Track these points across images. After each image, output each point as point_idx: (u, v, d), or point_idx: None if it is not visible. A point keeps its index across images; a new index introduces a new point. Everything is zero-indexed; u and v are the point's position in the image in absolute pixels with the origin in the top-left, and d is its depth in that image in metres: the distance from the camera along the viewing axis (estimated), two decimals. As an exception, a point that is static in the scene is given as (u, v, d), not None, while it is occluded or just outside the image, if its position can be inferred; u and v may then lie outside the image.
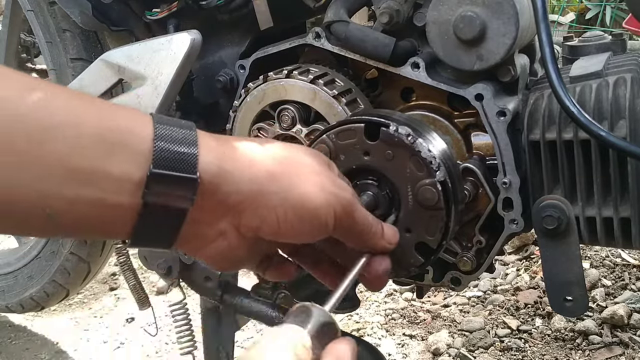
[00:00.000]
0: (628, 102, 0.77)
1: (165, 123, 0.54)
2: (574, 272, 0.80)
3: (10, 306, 1.70)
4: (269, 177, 0.57)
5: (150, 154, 0.51)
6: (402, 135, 0.71)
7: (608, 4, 4.36)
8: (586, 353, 1.59)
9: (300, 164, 0.61)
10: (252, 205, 0.56)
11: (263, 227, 0.57)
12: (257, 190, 0.56)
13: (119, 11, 1.04)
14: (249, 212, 0.57)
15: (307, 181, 0.59)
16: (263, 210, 0.57)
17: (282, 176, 0.58)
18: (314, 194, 0.59)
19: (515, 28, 0.78)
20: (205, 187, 0.53)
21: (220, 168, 0.55)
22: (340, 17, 0.87)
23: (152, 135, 0.52)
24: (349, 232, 0.63)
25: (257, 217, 0.57)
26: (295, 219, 0.58)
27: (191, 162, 0.53)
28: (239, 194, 0.56)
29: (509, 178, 0.81)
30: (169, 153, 0.52)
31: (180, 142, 0.53)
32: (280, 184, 0.57)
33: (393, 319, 1.84)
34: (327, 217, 0.59)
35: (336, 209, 0.60)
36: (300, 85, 0.89)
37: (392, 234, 0.68)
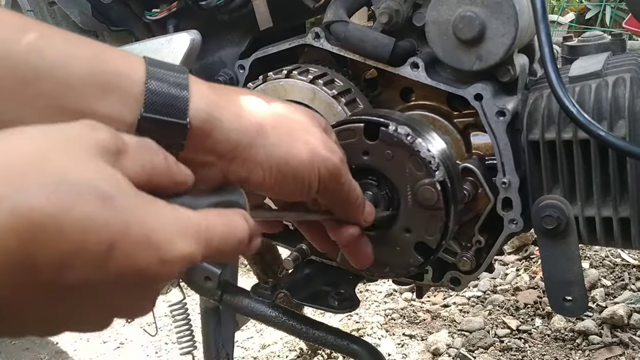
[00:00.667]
0: (627, 102, 0.77)
1: (158, 66, 0.54)
2: (573, 272, 0.80)
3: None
4: (258, 129, 0.57)
5: (141, 97, 0.51)
6: (401, 135, 0.71)
7: (608, 4, 4.37)
8: (586, 353, 1.59)
9: (293, 120, 0.61)
10: (240, 156, 0.56)
11: (250, 179, 0.57)
12: (247, 142, 0.56)
13: (118, 11, 1.04)
14: (237, 162, 0.57)
15: (296, 139, 0.59)
16: (250, 163, 0.57)
17: (272, 130, 0.58)
18: (300, 153, 0.58)
19: (514, 28, 0.78)
20: (194, 132, 0.53)
21: (210, 115, 0.54)
22: (339, 17, 0.87)
23: (144, 78, 0.52)
24: (332, 197, 0.63)
25: (244, 169, 0.57)
26: (279, 176, 0.58)
27: (181, 107, 0.52)
28: (228, 142, 0.55)
29: (509, 178, 0.81)
30: (160, 97, 0.52)
31: (172, 86, 0.53)
32: (268, 138, 0.57)
33: (393, 319, 1.84)
34: (310, 178, 0.59)
35: (321, 171, 0.60)
36: (299, 85, 0.89)
37: (370, 212, 0.69)
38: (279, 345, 1.75)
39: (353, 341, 1.07)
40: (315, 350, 1.68)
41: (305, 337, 1.11)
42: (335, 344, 1.08)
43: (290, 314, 1.09)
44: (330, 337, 1.07)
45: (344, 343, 1.07)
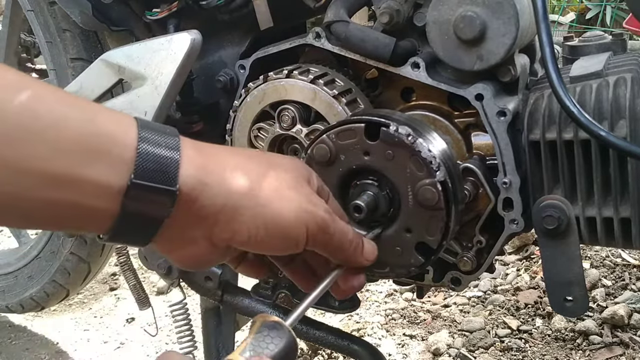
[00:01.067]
0: (628, 102, 0.77)
1: (150, 129, 0.54)
2: (574, 272, 0.80)
3: (10, 306, 1.70)
4: (244, 192, 0.58)
5: (132, 163, 0.52)
6: (402, 135, 0.70)
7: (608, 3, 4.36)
8: (586, 353, 1.59)
9: (277, 179, 0.62)
10: (224, 218, 0.57)
11: (234, 239, 0.59)
12: (232, 205, 0.57)
13: (119, 11, 1.04)
14: (221, 225, 0.58)
15: (282, 198, 0.60)
16: (235, 224, 0.58)
17: (258, 192, 0.59)
18: (286, 212, 0.60)
19: (515, 28, 0.78)
20: (183, 199, 0.54)
21: (199, 181, 0.55)
22: (340, 17, 0.87)
23: (135, 143, 0.52)
24: (325, 247, 0.65)
25: (229, 230, 0.58)
26: (266, 235, 0.59)
27: (172, 174, 0.53)
28: (214, 206, 0.57)
29: (509, 178, 0.81)
30: (151, 164, 0.52)
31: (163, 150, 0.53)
32: (254, 199, 0.59)
33: (393, 319, 1.84)
34: (298, 235, 0.61)
35: (309, 226, 0.61)
36: (300, 85, 0.89)
37: (371, 251, 0.70)
38: (279, 345, 1.75)
39: (353, 341, 1.07)
40: (316, 350, 1.68)
41: (305, 337, 1.11)
42: (335, 344, 1.08)
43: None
44: (331, 337, 1.07)
45: (344, 343, 1.07)
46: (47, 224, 0.54)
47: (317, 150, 0.75)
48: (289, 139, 0.93)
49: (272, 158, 0.67)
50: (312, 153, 0.76)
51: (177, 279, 1.13)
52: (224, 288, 1.12)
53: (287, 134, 0.91)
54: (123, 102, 0.96)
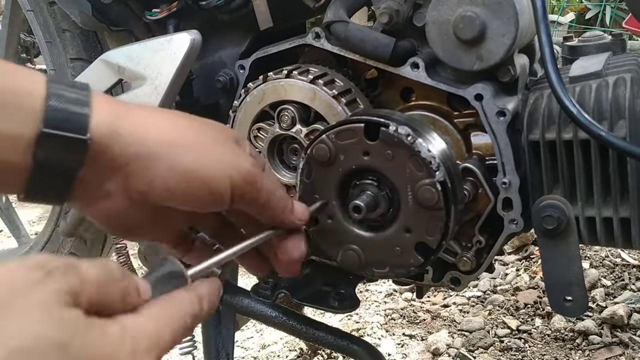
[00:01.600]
0: (628, 102, 0.77)
1: (59, 82, 0.53)
2: (573, 272, 0.80)
3: (10, 306, 1.70)
4: (160, 141, 0.56)
5: (41, 113, 0.51)
6: (401, 135, 0.71)
7: (608, 4, 4.37)
8: (586, 353, 1.59)
9: (200, 132, 0.59)
10: (139, 168, 0.55)
11: (151, 191, 0.56)
12: (146, 153, 0.55)
13: (118, 11, 1.04)
14: (136, 175, 0.55)
15: (202, 149, 0.58)
16: (150, 173, 0.55)
17: (175, 142, 0.56)
18: (207, 162, 0.57)
19: (514, 28, 0.78)
20: (95, 148, 0.53)
21: (110, 130, 0.53)
22: (340, 17, 0.87)
23: (44, 94, 0.51)
24: (252, 203, 0.61)
25: (144, 181, 0.55)
26: (185, 186, 0.56)
27: (82, 122, 0.52)
28: (127, 155, 0.54)
29: (509, 178, 0.81)
30: (61, 112, 0.51)
31: (73, 102, 0.52)
32: (171, 149, 0.56)
33: (393, 319, 1.84)
34: (219, 186, 0.57)
35: (233, 177, 0.58)
36: (299, 85, 0.89)
37: (302, 211, 0.67)
38: (279, 345, 1.75)
39: (353, 341, 1.07)
40: (315, 350, 1.68)
41: (305, 337, 1.11)
42: (335, 344, 1.08)
43: (290, 314, 1.09)
44: (330, 337, 1.07)
45: (344, 343, 1.07)
46: None
47: (316, 150, 0.75)
48: (289, 139, 0.93)
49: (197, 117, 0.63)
50: (311, 153, 0.76)
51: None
52: (223, 288, 1.12)
53: (286, 134, 0.92)
54: (123, 102, 0.96)
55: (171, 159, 0.56)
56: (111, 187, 0.56)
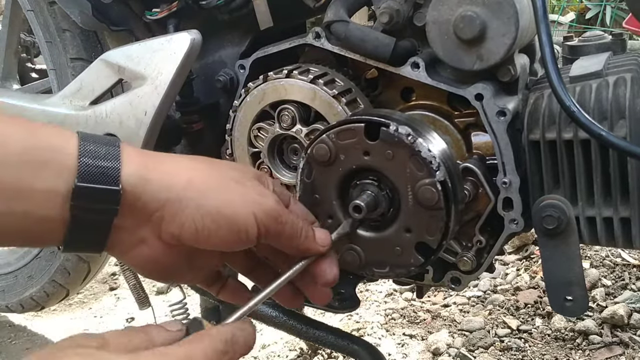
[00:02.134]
0: (628, 102, 0.77)
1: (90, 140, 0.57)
2: (574, 272, 0.80)
3: (10, 306, 1.70)
4: (187, 184, 0.59)
5: (75, 169, 0.55)
6: (402, 135, 0.70)
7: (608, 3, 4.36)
8: (586, 353, 1.59)
9: (222, 173, 0.63)
10: (169, 212, 0.58)
11: (182, 234, 0.59)
12: (174, 197, 0.58)
13: (118, 11, 1.03)
14: (167, 219, 0.58)
15: (226, 189, 0.61)
16: (181, 217, 0.58)
17: (201, 184, 0.60)
18: (232, 201, 0.60)
19: (515, 28, 0.78)
20: (127, 197, 0.56)
21: (140, 178, 0.57)
22: (340, 17, 0.87)
23: (77, 151, 0.55)
24: (278, 237, 0.64)
25: (175, 224, 0.59)
26: (213, 226, 0.59)
27: (114, 174, 0.56)
28: (157, 201, 0.58)
29: (509, 178, 0.81)
30: (93, 167, 0.55)
31: (104, 156, 0.56)
32: (198, 191, 0.59)
33: (393, 319, 1.84)
34: (246, 224, 0.60)
35: (257, 215, 0.61)
36: (300, 84, 0.89)
37: (323, 237, 0.69)
38: (279, 345, 1.75)
39: (353, 341, 1.07)
40: (316, 350, 1.68)
41: (305, 337, 1.11)
42: (335, 343, 1.08)
43: (291, 314, 1.09)
44: (331, 336, 1.07)
45: (344, 343, 1.07)
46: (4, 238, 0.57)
47: (317, 150, 0.75)
48: (289, 138, 0.93)
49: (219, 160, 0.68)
50: (312, 152, 0.76)
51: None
52: (223, 288, 1.12)
53: (287, 133, 0.92)
54: (123, 102, 0.96)
55: (199, 202, 0.59)
56: (145, 233, 0.60)
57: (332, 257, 0.70)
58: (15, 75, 1.64)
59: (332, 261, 0.69)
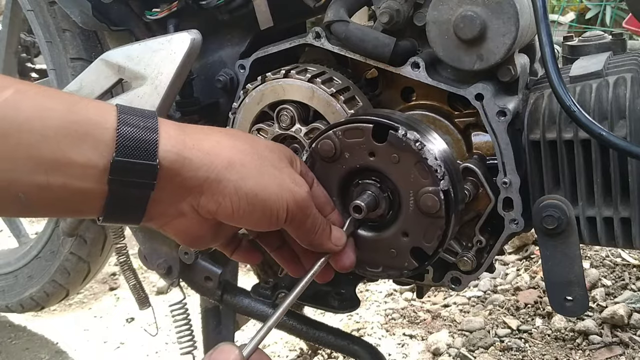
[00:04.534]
0: (628, 102, 0.77)
1: (128, 113, 0.58)
2: (574, 272, 0.80)
3: (10, 306, 1.70)
4: (226, 165, 0.61)
5: (113, 143, 0.56)
6: (410, 140, 0.70)
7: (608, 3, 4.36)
8: (586, 353, 1.59)
9: (260, 156, 0.65)
10: (208, 190, 0.61)
11: (219, 211, 0.62)
12: (214, 177, 0.60)
13: (119, 11, 1.03)
14: (206, 197, 0.61)
15: (264, 173, 0.63)
16: (219, 196, 0.61)
17: (240, 166, 0.62)
18: (268, 187, 0.63)
19: (515, 28, 0.78)
20: (165, 172, 0.58)
21: (179, 155, 0.59)
22: (340, 17, 0.86)
23: (115, 125, 0.56)
24: (299, 228, 0.67)
25: (213, 202, 0.61)
26: (248, 208, 0.62)
27: (151, 149, 0.57)
28: (197, 179, 0.60)
29: (509, 178, 0.81)
30: (131, 141, 0.56)
31: (142, 130, 0.57)
32: (237, 172, 0.61)
33: (393, 319, 1.84)
34: (278, 210, 0.63)
35: (289, 203, 0.64)
36: (298, 84, 0.89)
37: (338, 237, 0.71)
38: (279, 345, 1.75)
39: (353, 341, 1.07)
40: (316, 350, 1.68)
41: (305, 337, 1.11)
42: (335, 344, 1.08)
43: (291, 314, 1.09)
44: (331, 337, 1.07)
45: (344, 343, 1.07)
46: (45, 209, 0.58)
47: (322, 145, 0.75)
48: (289, 138, 0.93)
49: (255, 138, 0.70)
50: (316, 147, 0.75)
51: (177, 278, 1.13)
52: (223, 288, 1.12)
53: (286, 133, 0.91)
54: (123, 102, 0.95)
55: (237, 184, 0.61)
56: (184, 208, 0.62)
57: (349, 245, 0.73)
58: (15, 75, 1.64)
59: (351, 247, 0.73)
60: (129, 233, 1.24)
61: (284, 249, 0.75)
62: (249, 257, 0.77)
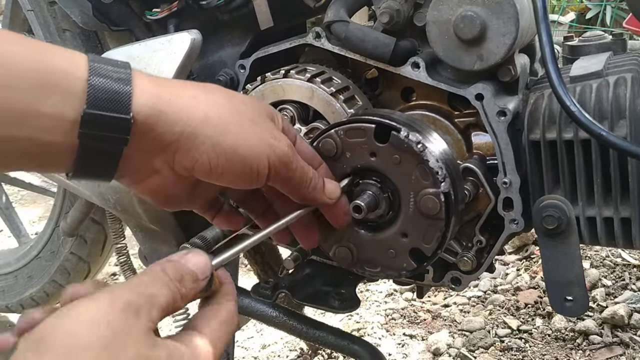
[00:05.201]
0: (628, 102, 0.77)
1: (100, 62, 0.54)
2: (574, 272, 0.80)
3: (10, 306, 1.70)
4: (203, 120, 0.58)
5: (84, 94, 0.52)
6: (412, 141, 0.70)
7: (608, 3, 4.36)
8: (586, 353, 1.59)
9: (238, 111, 0.62)
10: (184, 146, 0.57)
11: (196, 167, 0.59)
12: (190, 131, 0.57)
13: (119, 11, 1.03)
14: (181, 153, 0.58)
15: (243, 128, 0.60)
16: (195, 152, 0.58)
17: (218, 121, 0.59)
18: (247, 142, 0.60)
19: (515, 28, 0.78)
20: (139, 127, 0.54)
21: (154, 109, 0.55)
22: (340, 17, 0.86)
23: (86, 75, 0.52)
24: (286, 183, 0.64)
25: (189, 158, 0.58)
26: (226, 164, 0.59)
27: (124, 102, 0.53)
28: (172, 134, 0.57)
29: (509, 178, 0.81)
30: (103, 93, 0.52)
31: (115, 81, 0.53)
32: (214, 127, 0.58)
33: (393, 319, 1.84)
34: (258, 165, 0.60)
35: (270, 158, 0.61)
36: (297, 84, 0.89)
37: (332, 189, 0.69)
38: (279, 345, 1.75)
39: (353, 341, 1.07)
40: (316, 350, 1.68)
41: (305, 337, 1.11)
42: (335, 344, 1.08)
43: (291, 314, 1.09)
44: (331, 337, 1.07)
45: (344, 343, 1.07)
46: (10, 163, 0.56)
47: (323, 144, 0.75)
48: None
49: (234, 93, 0.66)
50: (317, 146, 0.75)
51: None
52: (224, 288, 1.12)
53: (287, 133, 0.91)
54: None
55: (215, 139, 0.58)
56: (158, 165, 0.59)
57: (343, 200, 0.71)
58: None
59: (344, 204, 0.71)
60: (129, 233, 1.24)
61: (269, 214, 0.73)
62: (230, 222, 0.73)
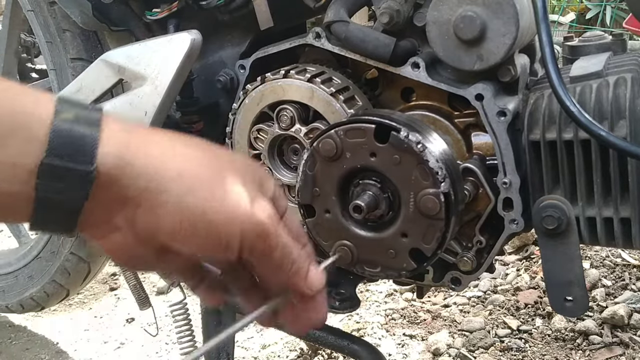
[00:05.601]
0: (628, 102, 0.77)
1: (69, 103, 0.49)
2: (574, 272, 0.80)
3: (10, 306, 1.70)
4: (175, 176, 0.51)
5: (46, 140, 0.46)
6: (412, 141, 0.70)
7: (608, 4, 4.36)
8: (586, 353, 1.59)
9: (220, 169, 0.54)
10: (147, 202, 0.50)
11: (160, 229, 0.51)
12: (154, 187, 0.50)
13: (119, 11, 1.04)
14: (143, 210, 0.50)
15: (219, 190, 0.52)
16: (159, 210, 0.50)
17: (190, 178, 0.51)
18: (220, 206, 0.51)
19: (515, 28, 0.78)
20: (102, 179, 0.48)
21: (120, 159, 0.49)
22: (340, 17, 0.87)
23: (50, 119, 0.47)
24: (263, 261, 0.55)
25: (152, 218, 0.50)
26: (190, 229, 0.51)
27: (88, 150, 0.47)
28: (136, 188, 0.49)
29: (509, 178, 0.81)
30: (66, 138, 0.47)
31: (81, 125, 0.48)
32: (184, 185, 0.51)
33: (393, 319, 1.84)
34: (227, 234, 0.52)
35: (245, 229, 0.52)
36: (297, 84, 0.89)
37: (316, 279, 0.58)
38: (279, 345, 1.75)
39: (353, 341, 1.07)
40: (316, 350, 1.68)
41: (305, 337, 1.11)
42: (335, 344, 1.08)
43: (291, 314, 1.09)
44: (331, 337, 1.07)
45: (344, 343, 1.07)
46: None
47: (323, 144, 0.75)
48: (289, 139, 0.93)
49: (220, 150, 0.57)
50: (317, 146, 0.75)
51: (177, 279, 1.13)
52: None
53: (286, 133, 0.91)
54: (123, 102, 0.96)
55: (182, 198, 0.50)
56: (120, 222, 0.51)
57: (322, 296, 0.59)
58: (15, 75, 1.64)
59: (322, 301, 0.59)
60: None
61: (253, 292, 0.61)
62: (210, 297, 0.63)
